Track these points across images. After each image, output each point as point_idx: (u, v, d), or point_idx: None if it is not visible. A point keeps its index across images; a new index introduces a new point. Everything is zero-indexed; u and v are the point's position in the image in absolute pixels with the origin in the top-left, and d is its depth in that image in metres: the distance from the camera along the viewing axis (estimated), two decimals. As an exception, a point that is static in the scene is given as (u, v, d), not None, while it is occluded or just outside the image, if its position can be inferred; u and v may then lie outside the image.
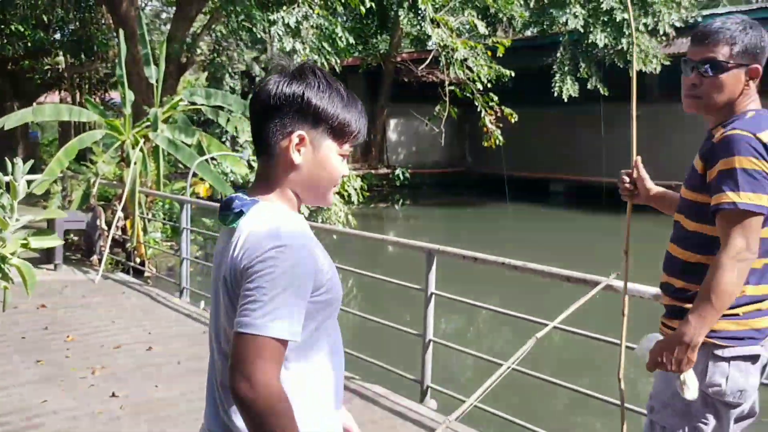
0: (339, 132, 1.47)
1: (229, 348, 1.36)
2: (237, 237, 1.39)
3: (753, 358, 1.98)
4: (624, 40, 17.54)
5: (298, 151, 1.45)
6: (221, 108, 9.79)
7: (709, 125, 2.09)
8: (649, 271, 2.70)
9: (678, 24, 17.84)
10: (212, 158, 9.63)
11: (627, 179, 2.30)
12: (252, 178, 10.84)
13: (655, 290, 2.90)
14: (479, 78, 14.68)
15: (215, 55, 18.24)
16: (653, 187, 2.30)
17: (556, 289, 5.13)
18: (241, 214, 1.42)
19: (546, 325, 3.12)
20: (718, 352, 1.97)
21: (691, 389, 1.95)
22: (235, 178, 10.29)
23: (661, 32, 17.88)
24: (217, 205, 7.50)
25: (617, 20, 17.49)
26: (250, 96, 1.68)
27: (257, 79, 12.83)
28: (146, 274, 8.47)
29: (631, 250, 2.38)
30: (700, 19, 19.28)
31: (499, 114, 15.20)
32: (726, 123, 2.02)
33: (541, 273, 3.50)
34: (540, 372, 3.74)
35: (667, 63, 17.49)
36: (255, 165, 11.30)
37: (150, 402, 4.20)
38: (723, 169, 1.92)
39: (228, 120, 9.68)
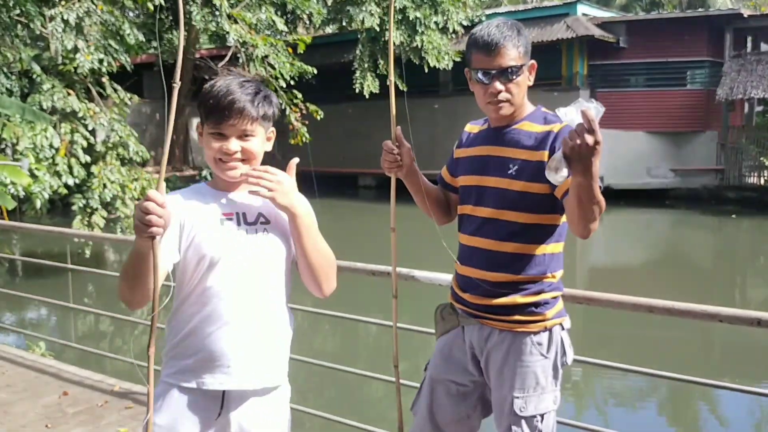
0: (205, 114, 1.80)
1: None
2: None
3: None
4: (418, 38, 18.37)
5: (201, 138, 1.85)
6: (-5, 112, 8.80)
7: (499, 122, 2.22)
8: None
9: (465, 23, 19.05)
10: (-13, 169, 8.62)
11: (394, 149, 2.30)
12: (35, 188, 9.90)
13: (436, 275, 2.99)
14: (282, 75, 14.58)
15: (-14, 53, 16.41)
16: (412, 160, 2.34)
17: (366, 280, 5.20)
18: None
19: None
20: (566, 326, 2.28)
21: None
22: (15, 189, 9.31)
23: (451, 30, 18.97)
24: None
25: (410, 18, 18.27)
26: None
27: (38, 79, 11.68)
28: None
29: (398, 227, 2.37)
30: (483, 18, 20.76)
31: (304, 111, 15.24)
32: (531, 115, 2.20)
33: (350, 270, 3.50)
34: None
35: (458, 59, 18.64)
36: (38, 173, 10.38)
37: None
38: None
39: (4, 126, 8.72)
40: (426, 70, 18.84)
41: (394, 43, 14.82)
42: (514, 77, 2.12)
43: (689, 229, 17.49)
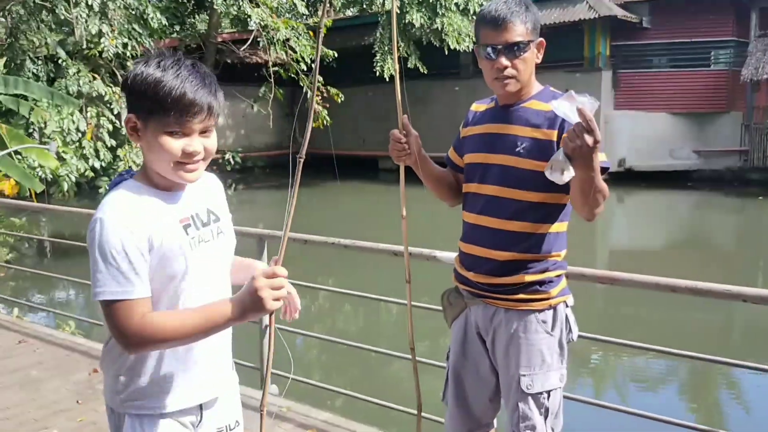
0: (157, 109, 1.47)
1: None
2: None
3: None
4: (438, 20, 18.25)
5: (135, 133, 1.52)
6: (24, 97, 8.96)
7: (507, 100, 2.21)
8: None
9: (485, 3, 18.86)
10: (16, 152, 8.80)
11: (402, 138, 2.28)
12: (62, 171, 10.09)
13: (444, 254, 3.06)
14: (303, 58, 14.62)
15: (13, 38, 16.64)
16: (420, 147, 2.31)
17: (387, 263, 5.27)
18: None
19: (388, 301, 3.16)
20: (569, 303, 2.27)
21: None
22: (43, 172, 9.51)
23: (471, 12, 18.81)
24: (24, 203, 6.84)
25: (430, 0, 18.15)
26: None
27: (63, 64, 11.84)
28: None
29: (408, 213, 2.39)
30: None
31: (325, 94, 15.28)
32: (539, 94, 2.19)
33: (371, 250, 3.57)
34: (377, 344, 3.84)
35: (479, 41, 18.47)
36: (66, 157, 10.57)
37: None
38: None
39: (32, 110, 8.89)
40: (446, 53, 18.73)
41: (413, 25, 14.82)
42: (521, 53, 2.10)
43: (712, 211, 17.31)
